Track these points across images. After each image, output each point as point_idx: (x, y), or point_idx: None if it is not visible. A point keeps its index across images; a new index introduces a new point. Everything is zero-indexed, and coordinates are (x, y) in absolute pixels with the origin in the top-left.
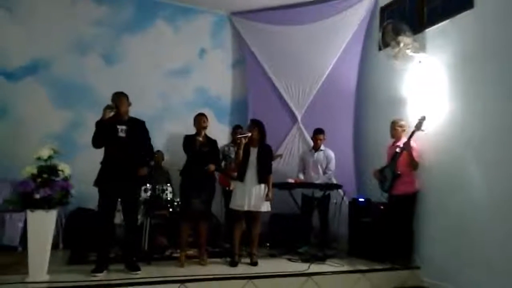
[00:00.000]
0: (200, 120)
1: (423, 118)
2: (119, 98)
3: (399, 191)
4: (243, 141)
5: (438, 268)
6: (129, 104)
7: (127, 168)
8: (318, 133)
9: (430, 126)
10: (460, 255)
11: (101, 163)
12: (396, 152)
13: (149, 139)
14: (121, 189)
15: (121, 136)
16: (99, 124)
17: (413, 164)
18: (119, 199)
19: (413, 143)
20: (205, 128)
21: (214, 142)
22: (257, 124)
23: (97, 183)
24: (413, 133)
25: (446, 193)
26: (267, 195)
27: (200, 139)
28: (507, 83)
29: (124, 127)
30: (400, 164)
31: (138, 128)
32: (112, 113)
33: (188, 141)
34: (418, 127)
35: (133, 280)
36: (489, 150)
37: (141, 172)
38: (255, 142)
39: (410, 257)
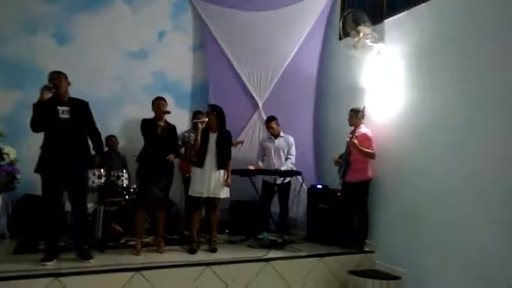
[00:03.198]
0: (159, 104)
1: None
2: (58, 77)
3: (351, 179)
4: (200, 126)
5: (391, 252)
6: (69, 84)
7: (70, 152)
8: (270, 120)
9: (387, 115)
10: (413, 240)
11: (41, 147)
12: (349, 138)
13: (94, 122)
14: (65, 175)
15: (63, 117)
16: (37, 106)
17: (366, 155)
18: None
19: (368, 132)
20: (166, 112)
21: (173, 128)
22: (215, 109)
23: (38, 169)
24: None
25: (401, 180)
26: (226, 180)
27: (162, 124)
28: (460, 74)
29: (65, 108)
30: (354, 152)
31: (81, 109)
32: (50, 94)
33: (148, 125)
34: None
35: (85, 268)
36: (443, 138)
37: (95, 161)
38: (214, 127)
39: (364, 242)
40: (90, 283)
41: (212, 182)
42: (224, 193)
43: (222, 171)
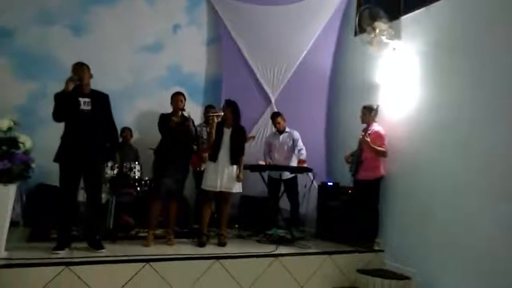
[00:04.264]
0: (177, 99)
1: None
2: (82, 68)
3: (363, 177)
4: (215, 120)
5: (401, 251)
6: (91, 76)
7: (90, 143)
8: (275, 116)
9: (400, 112)
10: (424, 240)
11: (62, 137)
12: (361, 135)
13: (112, 115)
14: (83, 165)
15: (84, 109)
16: (59, 96)
17: (378, 153)
18: (82, 176)
19: (380, 129)
20: (181, 108)
21: (191, 121)
22: (231, 105)
23: (57, 158)
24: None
25: (413, 179)
26: (238, 176)
27: (175, 119)
28: (476, 73)
29: (87, 100)
30: (365, 150)
31: (102, 101)
32: (73, 85)
33: (164, 120)
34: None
35: (96, 258)
36: (457, 136)
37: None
38: (228, 122)
39: (374, 240)
40: (101, 273)
41: (225, 177)
42: (237, 188)
43: (235, 166)
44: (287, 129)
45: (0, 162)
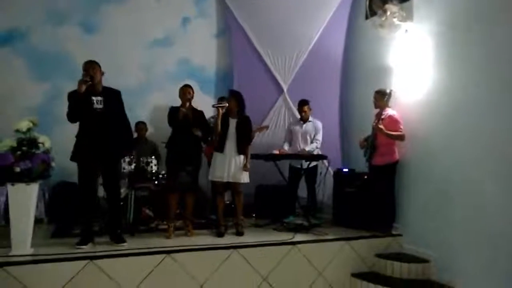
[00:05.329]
0: (184, 91)
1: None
2: (93, 66)
3: (378, 162)
4: (220, 111)
5: (419, 235)
6: (102, 73)
7: (104, 141)
8: (303, 104)
9: (415, 95)
10: (442, 222)
11: (77, 136)
12: (374, 123)
13: (125, 111)
14: (100, 162)
15: (97, 107)
16: (72, 96)
17: (395, 138)
18: (100, 172)
19: (394, 113)
20: (188, 100)
21: (200, 113)
22: (234, 95)
23: (74, 157)
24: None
25: (429, 162)
26: (245, 165)
27: (184, 110)
28: (491, 51)
29: (100, 98)
30: (379, 135)
31: (114, 98)
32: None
33: (173, 112)
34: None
35: (118, 251)
36: (474, 117)
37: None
38: (233, 113)
39: (392, 225)
40: (124, 265)
41: (232, 167)
42: (244, 177)
43: (242, 156)
44: (310, 118)
45: (21, 162)
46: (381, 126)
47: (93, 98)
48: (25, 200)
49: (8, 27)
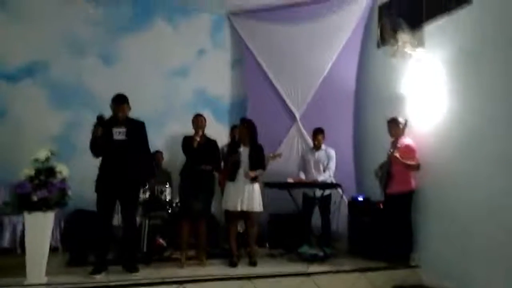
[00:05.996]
0: (197, 120)
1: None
2: (119, 106)
3: (394, 190)
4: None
5: (438, 266)
6: (129, 109)
7: (125, 172)
8: (317, 133)
9: (429, 123)
10: (461, 253)
11: (99, 168)
12: (390, 152)
13: (148, 143)
14: (120, 191)
15: (118, 139)
16: (93, 133)
17: (411, 168)
18: (118, 201)
19: (410, 142)
20: (201, 128)
21: (213, 142)
22: (245, 123)
23: (97, 189)
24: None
25: (446, 191)
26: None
27: (197, 139)
28: (504, 80)
29: (122, 129)
30: (395, 163)
31: (137, 129)
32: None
33: (186, 141)
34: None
35: (132, 281)
36: (488, 146)
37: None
38: (245, 141)
39: (409, 255)
40: None
41: (245, 196)
42: (257, 206)
43: (256, 185)
44: (323, 146)
45: (38, 191)
46: (397, 155)
47: (115, 129)
48: (41, 228)
49: (29, 60)
